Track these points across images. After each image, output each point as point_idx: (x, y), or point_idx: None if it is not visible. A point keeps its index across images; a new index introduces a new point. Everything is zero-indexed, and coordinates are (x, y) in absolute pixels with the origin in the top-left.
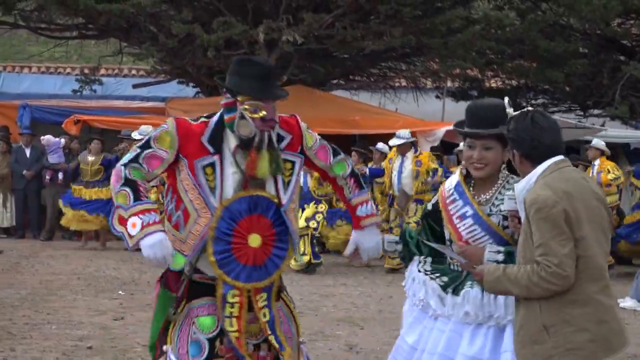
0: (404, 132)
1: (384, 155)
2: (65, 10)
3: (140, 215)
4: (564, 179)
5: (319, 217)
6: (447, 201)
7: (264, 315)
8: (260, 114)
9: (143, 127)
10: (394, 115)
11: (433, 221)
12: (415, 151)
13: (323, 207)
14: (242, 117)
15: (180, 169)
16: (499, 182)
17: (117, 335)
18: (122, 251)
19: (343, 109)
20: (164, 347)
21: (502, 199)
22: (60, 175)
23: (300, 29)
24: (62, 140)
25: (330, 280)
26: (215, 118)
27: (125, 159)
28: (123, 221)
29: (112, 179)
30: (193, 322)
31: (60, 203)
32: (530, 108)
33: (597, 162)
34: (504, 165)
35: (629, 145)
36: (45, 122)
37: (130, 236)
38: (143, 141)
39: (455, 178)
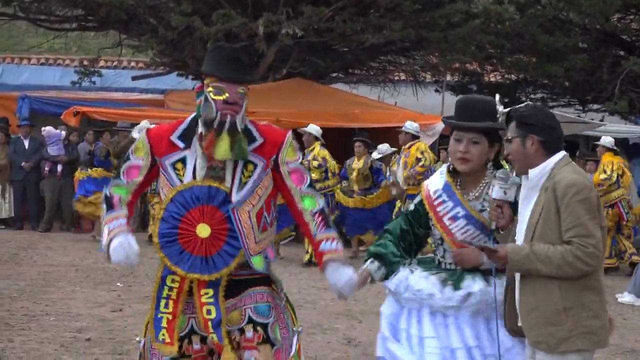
0: (385, 147)
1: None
2: (65, 2)
3: (109, 224)
4: (580, 171)
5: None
6: (435, 203)
7: (208, 312)
8: (223, 96)
9: (142, 123)
10: (393, 108)
11: (414, 220)
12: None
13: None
14: (206, 99)
15: (161, 168)
16: (486, 178)
17: (115, 327)
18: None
19: (342, 102)
20: (137, 338)
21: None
22: (59, 168)
23: (300, 21)
24: (63, 132)
25: None
26: (190, 116)
27: (112, 179)
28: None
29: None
30: None
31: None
32: (529, 102)
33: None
34: (490, 163)
35: (628, 141)
36: (45, 114)
37: (102, 243)
38: (125, 156)
39: (439, 179)
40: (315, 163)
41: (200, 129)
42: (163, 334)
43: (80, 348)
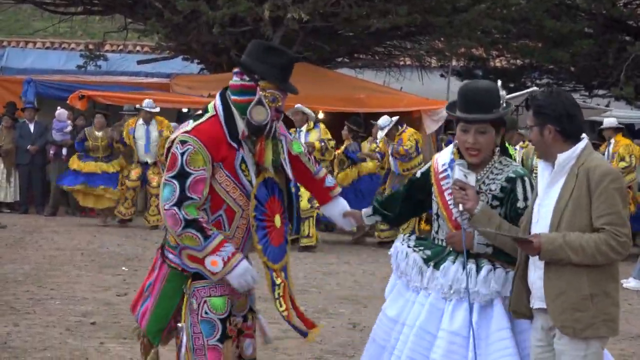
0: (384, 120)
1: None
2: None
3: (217, 253)
4: (602, 159)
5: None
6: (440, 176)
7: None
8: (278, 104)
9: (146, 102)
10: (398, 93)
11: (415, 188)
12: (401, 126)
13: None
14: (260, 102)
15: (214, 172)
16: (491, 162)
17: (120, 311)
18: (125, 227)
19: (348, 87)
20: (179, 325)
21: (493, 179)
22: (65, 152)
23: (306, 6)
24: (69, 125)
25: (333, 259)
26: (220, 111)
27: (172, 198)
28: (197, 260)
29: (169, 221)
30: (204, 301)
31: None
32: (547, 88)
33: (612, 141)
34: (497, 148)
35: (634, 126)
36: (50, 98)
37: (213, 273)
38: (175, 172)
39: (449, 153)
40: (318, 144)
41: (242, 127)
42: (296, 322)
43: (86, 332)
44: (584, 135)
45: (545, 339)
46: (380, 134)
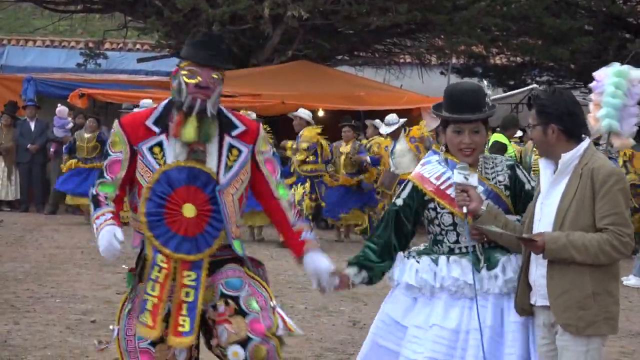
0: (393, 118)
1: (377, 131)
2: None
3: (96, 221)
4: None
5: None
6: (442, 187)
7: (186, 295)
8: (196, 80)
9: (143, 101)
10: (398, 91)
11: (404, 217)
12: (405, 130)
13: (307, 187)
14: (179, 82)
15: (136, 157)
16: (480, 161)
17: None
18: (125, 226)
19: (348, 84)
20: (111, 327)
21: (495, 172)
22: (65, 149)
23: (306, 4)
24: (70, 123)
25: (334, 256)
26: (167, 100)
27: (96, 177)
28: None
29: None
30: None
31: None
32: (549, 87)
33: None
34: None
35: None
36: (50, 96)
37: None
38: (104, 152)
39: (438, 164)
40: (304, 145)
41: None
42: (146, 317)
43: (86, 330)
44: (584, 135)
45: (548, 336)
46: (386, 130)
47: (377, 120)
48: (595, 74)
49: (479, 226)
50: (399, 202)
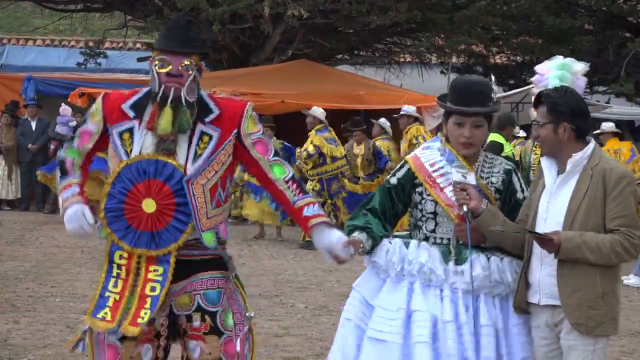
0: (410, 107)
1: (383, 130)
2: None
3: (63, 192)
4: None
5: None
6: (435, 174)
7: (152, 289)
8: (167, 69)
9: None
10: (398, 90)
11: (396, 195)
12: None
13: (316, 185)
14: (151, 72)
15: (110, 141)
16: (480, 158)
17: None
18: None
19: (348, 84)
20: (84, 327)
21: (490, 172)
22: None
23: (306, 3)
24: (74, 121)
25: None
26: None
27: (66, 142)
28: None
29: None
30: None
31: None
32: (560, 86)
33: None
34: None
35: (634, 123)
36: (50, 95)
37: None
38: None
39: (436, 151)
40: (304, 154)
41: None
42: (105, 312)
43: None
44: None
45: (550, 337)
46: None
47: (382, 119)
48: (537, 68)
49: (479, 225)
50: (393, 180)
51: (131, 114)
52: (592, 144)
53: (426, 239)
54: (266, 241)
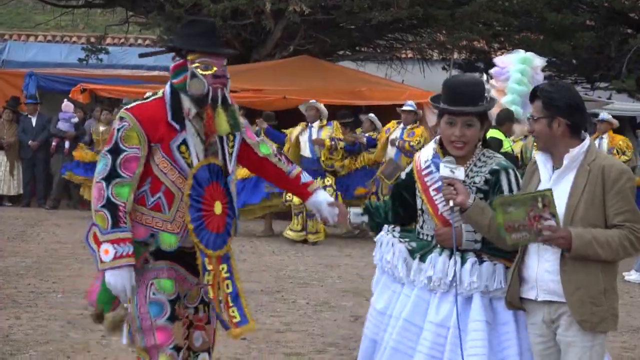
0: (412, 102)
1: (373, 125)
2: None
3: (115, 245)
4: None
5: (329, 190)
6: (424, 173)
7: (227, 287)
8: (212, 71)
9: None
10: (400, 86)
11: (405, 191)
12: (415, 122)
13: (330, 180)
14: (194, 75)
15: (153, 153)
16: (474, 156)
17: None
18: None
19: (349, 80)
20: (125, 306)
21: (477, 172)
22: (67, 144)
23: None
24: (76, 117)
25: (335, 251)
26: (167, 93)
27: (103, 171)
28: (97, 241)
29: (94, 192)
30: (151, 283)
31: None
32: (554, 80)
33: (605, 136)
34: (480, 142)
35: (635, 119)
36: (52, 91)
37: (102, 261)
38: (110, 146)
39: (431, 149)
40: (341, 143)
41: (188, 106)
42: (233, 313)
43: (87, 325)
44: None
45: (546, 334)
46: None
47: (372, 115)
48: (497, 60)
49: (465, 221)
50: (403, 176)
51: (177, 126)
52: (588, 139)
53: (418, 233)
54: (267, 237)
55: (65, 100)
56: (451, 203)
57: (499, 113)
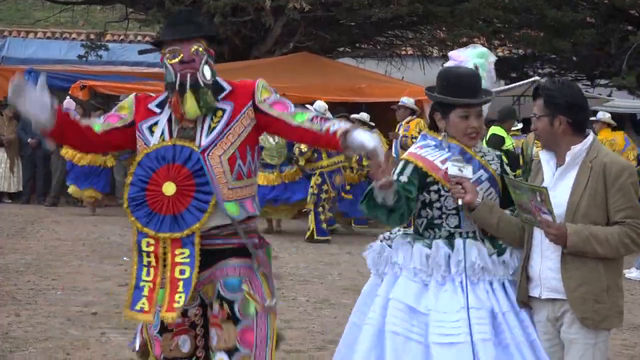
0: (409, 100)
1: (364, 125)
2: None
3: None
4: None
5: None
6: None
7: (181, 272)
8: (178, 58)
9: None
10: (400, 83)
11: (408, 192)
12: (412, 116)
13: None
14: (165, 66)
15: (137, 137)
16: (477, 147)
17: (121, 301)
18: (126, 217)
19: (349, 76)
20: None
21: (489, 161)
22: None
23: None
24: (77, 115)
25: (335, 249)
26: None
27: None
28: None
29: None
30: None
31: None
32: (557, 78)
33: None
34: None
35: (636, 116)
36: (51, 88)
37: None
38: None
39: (438, 149)
40: (297, 150)
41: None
42: (143, 303)
43: (87, 322)
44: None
45: (551, 331)
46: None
47: (363, 114)
48: (452, 54)
49: (474, 219)
50: (404, 178)
51: (157, 110)
52: (591, 136)
53: (451, 235)
54: (268, 234)
55: (68, 97)
56: (460, 202)
57: (501, 110)
